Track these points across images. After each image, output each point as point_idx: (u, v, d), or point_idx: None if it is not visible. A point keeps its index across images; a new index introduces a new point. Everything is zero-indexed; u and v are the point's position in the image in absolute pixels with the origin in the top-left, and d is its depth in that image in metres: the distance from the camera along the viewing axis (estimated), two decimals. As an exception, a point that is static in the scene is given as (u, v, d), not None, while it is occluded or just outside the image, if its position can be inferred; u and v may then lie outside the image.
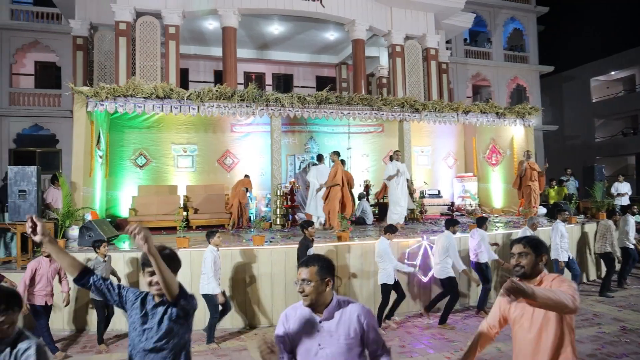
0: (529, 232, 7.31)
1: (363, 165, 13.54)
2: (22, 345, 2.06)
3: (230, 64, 13.62)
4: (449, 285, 6.68)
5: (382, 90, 18.35)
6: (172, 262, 2.47)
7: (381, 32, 15.36)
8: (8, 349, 2.05)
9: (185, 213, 10.77)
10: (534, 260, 2.48)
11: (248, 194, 11.19)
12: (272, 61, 19.78)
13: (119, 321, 6.62)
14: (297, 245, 6.53)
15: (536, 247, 2.51)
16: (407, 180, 9.75)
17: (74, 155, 9.12)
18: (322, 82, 20.98)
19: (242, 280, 7.01)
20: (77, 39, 13.68)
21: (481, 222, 7.31)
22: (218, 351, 5.86)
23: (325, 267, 2.29)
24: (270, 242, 7.54)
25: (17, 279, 5.91)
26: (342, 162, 10.92)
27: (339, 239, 7.50)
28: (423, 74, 15.84)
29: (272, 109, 10.22)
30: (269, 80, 20.70)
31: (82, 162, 9.06)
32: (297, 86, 20.54)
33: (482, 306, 7.23)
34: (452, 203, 12.53)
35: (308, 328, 2.25)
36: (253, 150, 12.68)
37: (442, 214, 13.07)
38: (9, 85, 15.97)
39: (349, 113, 10.73)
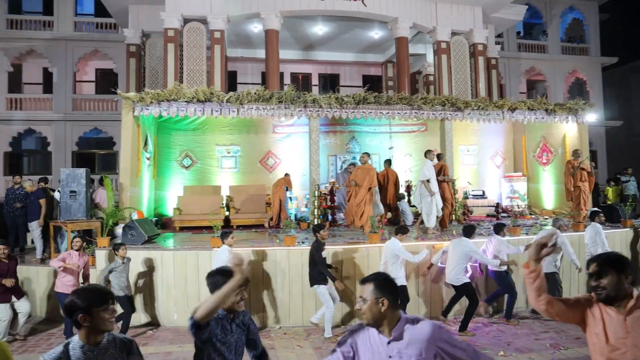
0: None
1: (406, 165, 13.30)
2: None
3: (273, 65, 13.84)
4: (466, 292, 6.47)
5: (429, 88, 17.94)
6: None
7: (426, 29, 15.04)
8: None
9: (227, 213, 11.10)
10: (616, 279, 2.17)
11: (288, 192, 11.35)
12: (318, 61, 19.87)
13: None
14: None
15: (616, 264, 2.21)
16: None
17: (121, 157, 9.65)
18: (369, 82, 20.77)
19: (257, 280, 7.12)
20: (130, 46, 14.44)
21: (499, 229, 7.05)
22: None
23: (381, 286, 2.18)
24: (303, 242, 7.61)
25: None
26: (388, 161, 10.84)
27: (368, 240, 7.43)
28: (470, 70, 15.33)
29: (310, 110, 10.30)
30: (315, 80, 20.84)
31: (130, 164, 9.56)
32: (343, 86, 20.51)
33: (510, 315, 6.97)
34: (498, 204, 12.04)
35: (375, 348, 2.16)
36: (294, 150, 12.82)
37: (488, 215, 12.61)
38: (73, 92, 17.10)
39: (388, 113, 10.61)
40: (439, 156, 9.77)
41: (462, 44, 15.20)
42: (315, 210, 10.15)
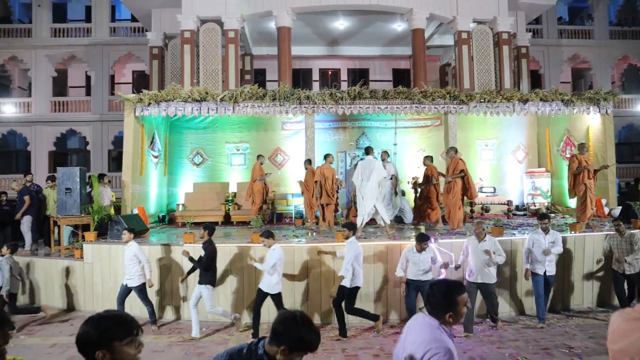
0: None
1: (419, 161, 12.87)
2: None
3: (285, 62, 13.88)
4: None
5: (457, 80, 17.22)
6: None
7: (445, 19, 14.42)
8: None
9: (230, 209, 11.35)
10: None
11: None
12: (347, 56, 19.69)
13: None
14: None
15: None
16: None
17: (124, 156, 10.12)
18: (399, 75, 20.45)
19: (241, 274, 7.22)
20: (153, 49, 15.07)
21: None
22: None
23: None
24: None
25: (58, 265, 6.84)
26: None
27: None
28: (495, 60, 14.52)
29: (305, 107, 10.27)
30: (344, 76, 20.67)
31: (131, 162, 10.02)
32: (372, 80, 20.19)
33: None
34: (509, 202, 11.34)
35: None
36: (303, 147, 12.79)
37: (506, 214, 11.90)
38: (109, 93, 18.14)
39: (386, 107, 10.35)
40: (428, 158, 9.54)
41: (484, 33, 14.42)
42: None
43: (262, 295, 6.17)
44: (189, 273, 6.67)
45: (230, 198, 11.81)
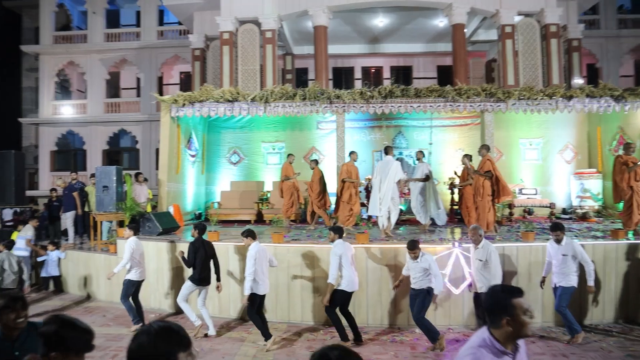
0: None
1: (457, 161, 12.45)
2: None
3: (321, 61, 13.87)
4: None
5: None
6: None
7: (488, 13, 13.83)
8: None
9: (262, 207, 11.48)
10: None
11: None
12: (389, 54, 19.38)
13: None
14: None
15: None
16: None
17: (160, 155, 10.50)
18: (444, 72, 19.84)
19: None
20: (195, 50, 15.52)
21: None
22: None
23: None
24: (293, 239, 7.65)
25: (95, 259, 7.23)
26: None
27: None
28: (542, 55, 13.76)
29: (335, 106, 10.20)
30: (386, 73, 20.36)
31: (167, 161, 10.36)
32: (416, 78, 19.81)
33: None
34: (552, 204, 10.68)
35: None
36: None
37: (549, 217, 11.23)
38: (158, 93, 18.84)
39: (419, 106, 10.07)
40: (467, 157, 9.14)
41: (531, 26, 13.69)
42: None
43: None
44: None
45: (265, 197, 11.94)
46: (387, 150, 8.33)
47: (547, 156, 12.41)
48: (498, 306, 2.08)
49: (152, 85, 18.79)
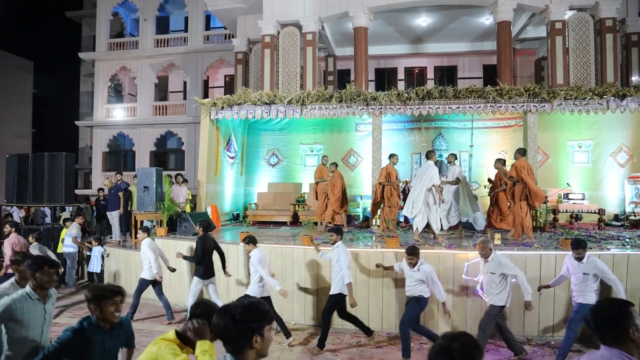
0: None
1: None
2: None
3: (361, 63, 13.76)
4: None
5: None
6: None
7: (536, 9, 13.22)
8: None
9: (299, 209, 11.54)
10: None
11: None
12: (433, 54, 18.99)
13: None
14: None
15: None
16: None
17: (200, 156, 10.79)
18: (490, 72, 19.17)
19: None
20: (237, 54, 15.84)
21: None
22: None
23: None
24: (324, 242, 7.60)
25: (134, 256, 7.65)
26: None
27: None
28: (596, 52, 12.99)
29: (372, 108, 10.09)
30: (430, 74, 19.95)
31: (206, 163, 10.64)
32: (461, 78, 19.29)
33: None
34: (601, 210, 10.03)
35: None
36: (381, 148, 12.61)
37: (599, 223, 10.55)
38: (202, 97, 19.43)
39: (457, 108, 9.78)
40: (500, 161, 8.83)
41: (584, 21, 12.96)
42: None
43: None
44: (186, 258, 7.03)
45: (302, 199, 12.00)
46: (429, 155, 8.23)
47: (598, 159, 11.72)
48: (619, 318, 1.96)
49: (198, 88, 19.35)
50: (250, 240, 6.16)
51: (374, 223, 9.97)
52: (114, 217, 10.31)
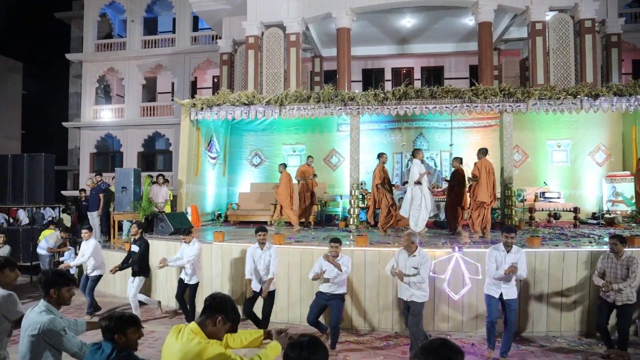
0: None
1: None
2: None
3: (344, 64, 13.81)
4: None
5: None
6: None
7: (517, 10, 13.32)
8: None
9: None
10: None
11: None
12: (419, 55, 19.07)
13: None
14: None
15: None
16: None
17: (180, 157, 10.83)
18: (476, 72, 19.27)
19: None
20: (223, 55, 15.89)
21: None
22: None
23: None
24: (296, 241, 7.68)
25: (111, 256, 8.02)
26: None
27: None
28: (575, 52, 13.11)
29: (350, 109, 10.16)
30: (417, 74, 20.06)
31: (186, 163, 10.68)
32: (448, 78, 19.39)
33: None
34: (577, 209, 10.13)
35: None
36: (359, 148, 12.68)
37: (575, 222, 10.63)
38: (190, 98, 19.45)
39: (434, 107, 9.87)
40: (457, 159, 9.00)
41: (564, 22, 13.06)
42: (351, 209, 9.99)
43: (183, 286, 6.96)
44: (122, 268, 7.21)
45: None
46: (414, 154, 8.45)
47: (577, 158, 11.84)
48: None
49: (186, 89, 19.40)
50: (187, 233, 6.97)
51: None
52: (94, 217, 10.34)
